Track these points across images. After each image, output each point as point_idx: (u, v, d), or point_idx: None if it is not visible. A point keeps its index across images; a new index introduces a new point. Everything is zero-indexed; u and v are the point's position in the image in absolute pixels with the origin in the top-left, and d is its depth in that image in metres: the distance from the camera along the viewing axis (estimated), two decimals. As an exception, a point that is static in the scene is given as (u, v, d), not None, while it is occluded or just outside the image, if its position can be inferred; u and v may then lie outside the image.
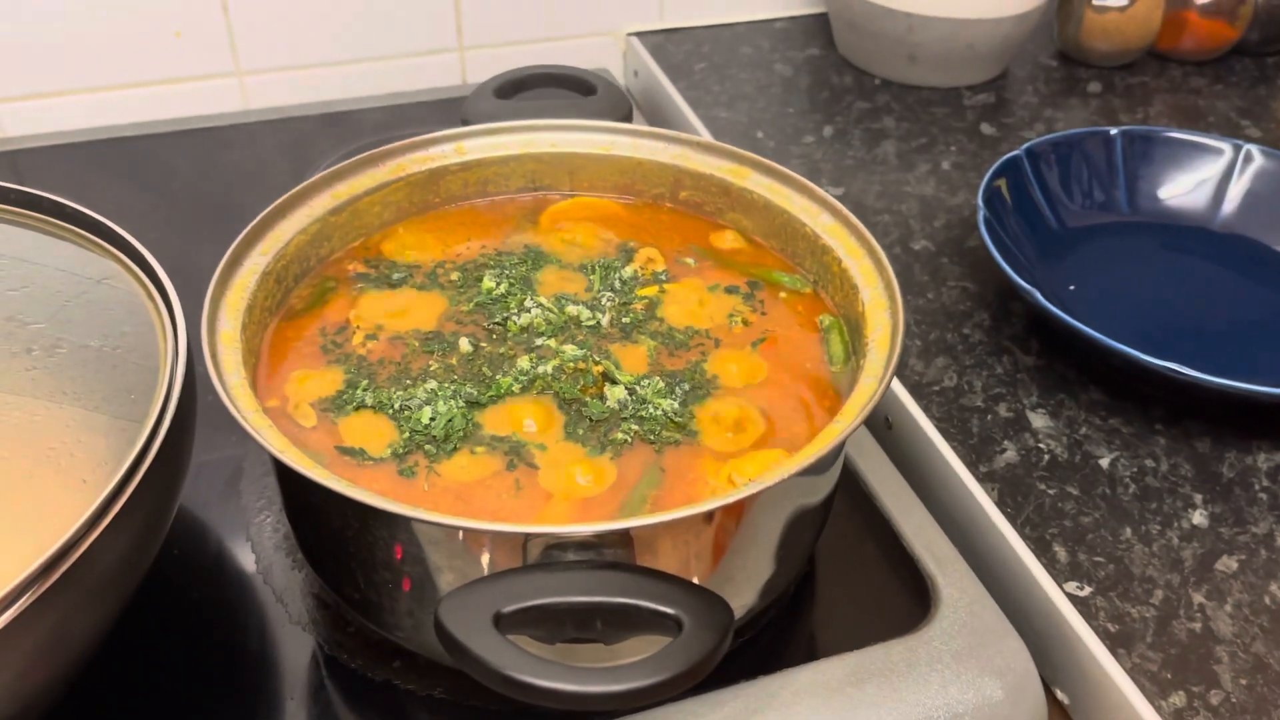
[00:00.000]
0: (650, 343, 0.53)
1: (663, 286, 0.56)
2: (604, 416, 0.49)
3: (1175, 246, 0.76)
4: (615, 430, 0.48)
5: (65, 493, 0.41)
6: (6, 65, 0.84)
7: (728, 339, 0.54)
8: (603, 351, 0.52)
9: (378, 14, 0.91)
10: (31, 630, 0.39)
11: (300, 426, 0.48)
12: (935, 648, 0.51)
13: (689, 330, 0.54)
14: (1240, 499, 0.58)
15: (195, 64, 0.89)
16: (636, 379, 0.50)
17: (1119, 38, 0.97)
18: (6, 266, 0.51)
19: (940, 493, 0.60)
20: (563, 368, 0.50)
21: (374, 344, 0.52)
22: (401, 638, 0.47)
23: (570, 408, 0.49)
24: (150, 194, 0.80)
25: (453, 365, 0.51)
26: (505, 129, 0.61)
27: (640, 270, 0.57)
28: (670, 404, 0.49)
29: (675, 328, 0.54)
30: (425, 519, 0.39)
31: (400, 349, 0.52)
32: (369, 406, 0.49)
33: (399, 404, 0.49)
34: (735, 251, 0.60)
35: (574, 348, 0.52)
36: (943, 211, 0.80)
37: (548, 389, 0.50)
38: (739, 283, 0.57)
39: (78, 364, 0.46)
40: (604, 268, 0.57)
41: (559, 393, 0.50)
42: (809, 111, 0.91)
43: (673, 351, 0.53)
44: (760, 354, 0.53)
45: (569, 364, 0.50)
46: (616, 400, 0.49)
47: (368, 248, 0.58)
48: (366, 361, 0.51)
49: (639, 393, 0.50)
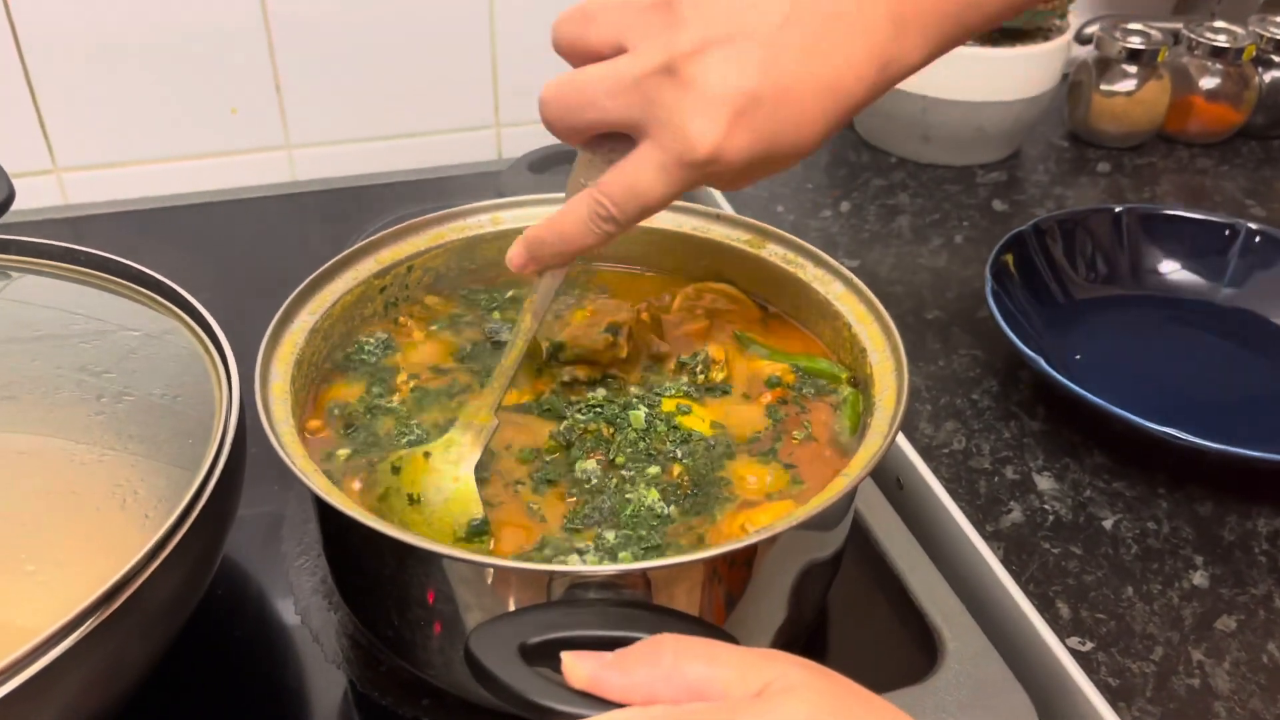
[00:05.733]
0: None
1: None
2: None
3: (1179, 319, 0.79)
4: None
5: (129, 526, 0.44)
6: (72, 137, 0.90)
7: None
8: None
9: (419, 93, 0.97)
10: (90, 656, 0.42)
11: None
12: (941, 698, 0.53)
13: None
14: (1240, 561, 0.60)
15: (248, 138, 0.94)
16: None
17: (1127, 121, 1.01)
18: (79, 322, 0.55)
19: (948, 550, 0.63)
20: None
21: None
22: (432, 675, 0.50)
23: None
24: (204, 258, 0.85)
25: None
26: (538, 201, 0.65)
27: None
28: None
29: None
30: (457, 557, 0.43)
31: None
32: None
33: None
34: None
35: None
36: (955, 283, 0.83)
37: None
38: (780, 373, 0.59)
39: (141, 411, 0.50)
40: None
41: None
42: (827, 187, 0.95)
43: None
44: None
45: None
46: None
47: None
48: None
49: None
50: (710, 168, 0.45)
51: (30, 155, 0.90)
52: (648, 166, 0.46)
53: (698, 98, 0.44)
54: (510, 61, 0.97)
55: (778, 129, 0.46)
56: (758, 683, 0.34)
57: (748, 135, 0.45)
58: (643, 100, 0.45)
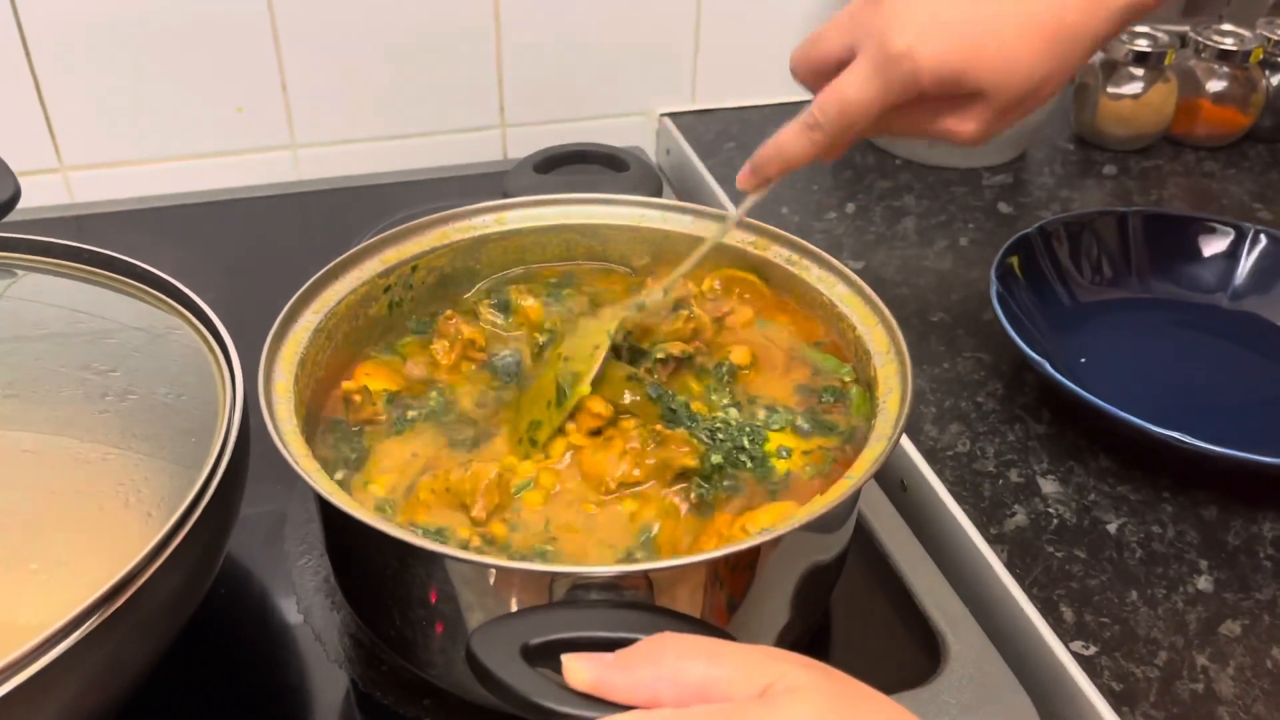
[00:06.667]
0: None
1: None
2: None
3: (1185, 322, 0.78)
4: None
5: (132, 525, 0.44)
6: (78, 136, 0.90)
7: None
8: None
9: (425, 93, 0.97)
10: (92, 654, 0.42)
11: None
12: (944, 701, 0.52)
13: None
14: (1245, 566, 0.60)
15: (254, 138, 0.94)
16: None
17: (1134, 124, 1.00)
18: (83, 320, 0.55)
19: (952, 553, 0.62)
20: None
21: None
22: (433, 675, 0.50)
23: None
24: (208, 257, 0.85)
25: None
26: (543, 201, 0.65)
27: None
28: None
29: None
30: (460, 557, 0.43)
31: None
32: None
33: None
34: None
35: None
36: (959, 286, 0.83)
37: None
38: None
39: (145, 409, 0.50)
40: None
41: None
42: (832, 189, 0.95)
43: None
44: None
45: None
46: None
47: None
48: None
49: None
50: (906, 65, 0.53)
51: (36, 154, 0.90)
52: (852, 74, 0.55)
53: (897, 13, 0.54)
54: (516, 62, 0.97)
55: (978, 44, 0.53)
56: (761, 682, 0.34)
57: (941, 41, 0.53)
58: (854, 25, 0.56)
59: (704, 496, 0.50)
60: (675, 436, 0.52)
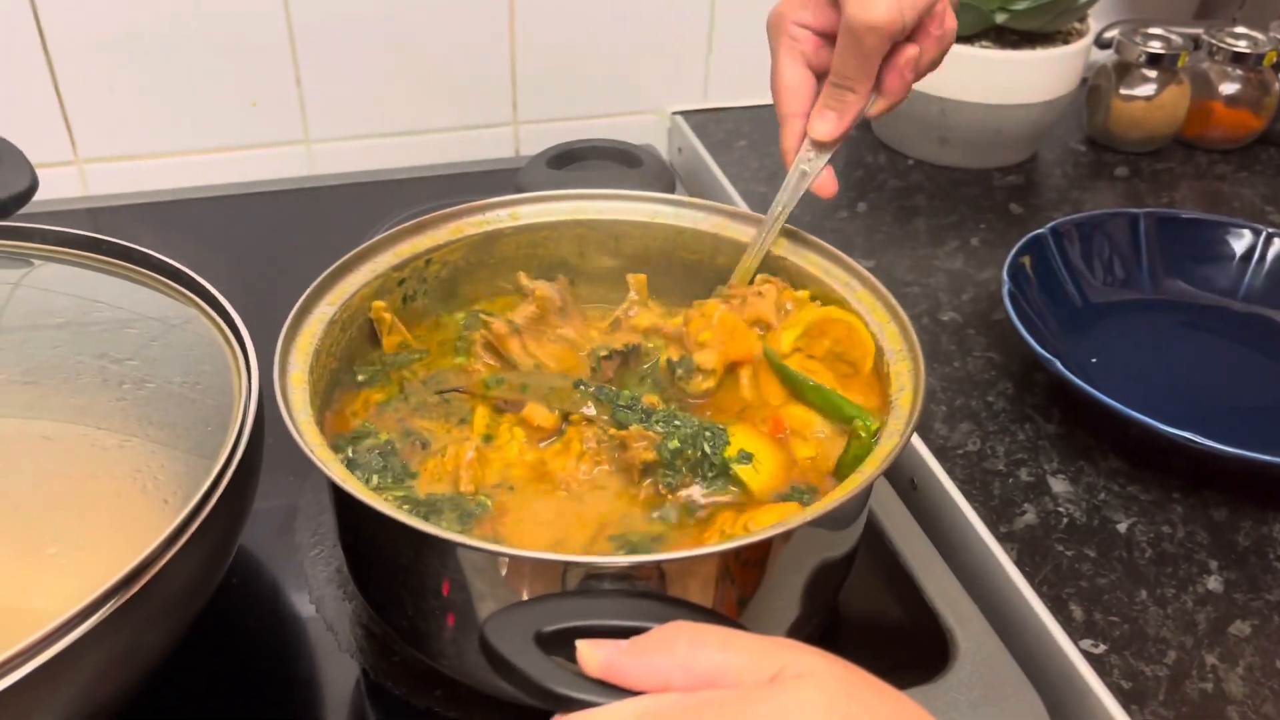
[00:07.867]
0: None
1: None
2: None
3: (1197, 324, 0.78)
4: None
5: (148, 511, 0.45)
6: (94, 129, 0.91)
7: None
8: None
9: (439, 89, 0.97)
10: (108, 640, 0.42)
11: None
12: (953, 698, 0.53)
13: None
14: (1255, 566, 0.60)
15: (268, 132, 0.95)
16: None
17: (1146, 126, 1.00)
18: (100, 309, 0.56)
19: (961, 551, 0.62)
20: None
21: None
22: (445, 665, 0.50)
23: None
24: (223, 250, 0.85)
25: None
26: (556, 197, 0.65)
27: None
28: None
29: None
30: (473, 546, 0.43)
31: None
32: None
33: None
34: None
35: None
36: (970, 285, 0.83)
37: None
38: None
39: (161, 398, 0.50)
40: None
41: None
42: (844, 188, 0.95)
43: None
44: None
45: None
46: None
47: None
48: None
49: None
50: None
51: (53, 146, 0.90)
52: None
53: None
54: (529, 60, 0.98)
55: None
56: (771, 669, 0.34)
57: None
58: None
59: (671, 484, 0.51)
60: (630, 435, 0.52)
